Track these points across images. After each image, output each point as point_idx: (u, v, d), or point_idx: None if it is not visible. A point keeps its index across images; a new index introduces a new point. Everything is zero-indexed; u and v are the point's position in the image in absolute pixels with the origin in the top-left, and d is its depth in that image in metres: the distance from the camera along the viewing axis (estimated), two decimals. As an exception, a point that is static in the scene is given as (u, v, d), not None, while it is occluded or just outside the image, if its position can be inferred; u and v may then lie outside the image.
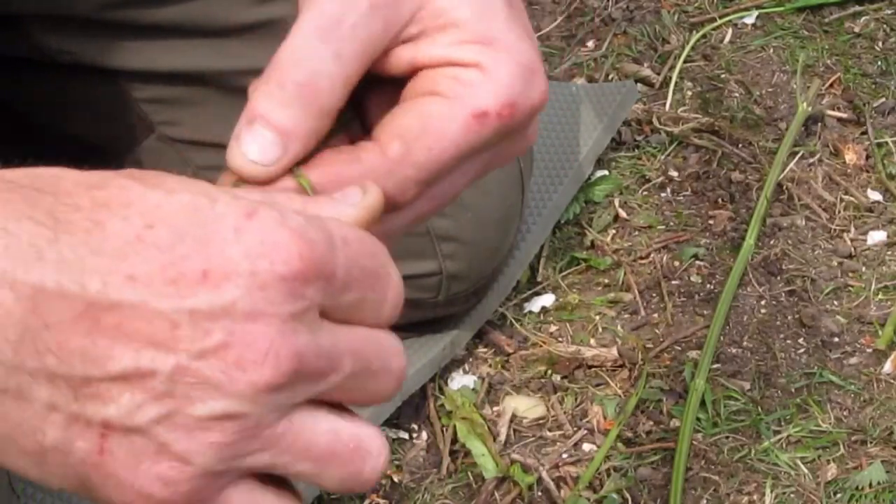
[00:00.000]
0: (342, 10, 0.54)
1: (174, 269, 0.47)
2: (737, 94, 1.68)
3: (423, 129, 0.55)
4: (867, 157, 1.59)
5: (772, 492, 1.27)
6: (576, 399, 1.36)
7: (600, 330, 1.42)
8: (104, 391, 0.47)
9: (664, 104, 1.67)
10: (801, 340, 1.40)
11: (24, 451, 0.48)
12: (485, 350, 1.40)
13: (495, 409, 1.35)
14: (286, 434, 0.49)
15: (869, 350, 1.39)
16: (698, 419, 1.31)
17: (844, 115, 1.64)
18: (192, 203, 0.48)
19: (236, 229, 0.47)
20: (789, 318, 1.42)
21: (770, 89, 1.69)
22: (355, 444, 0.51)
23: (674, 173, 1.59)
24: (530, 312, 1.44)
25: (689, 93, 1.69)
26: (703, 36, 1.76)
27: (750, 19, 1.78)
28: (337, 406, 0.51)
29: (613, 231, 1.52)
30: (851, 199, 1.54)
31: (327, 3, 0.54)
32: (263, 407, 0.48)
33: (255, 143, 0.54)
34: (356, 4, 0.54)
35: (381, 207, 0.54)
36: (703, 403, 1.32)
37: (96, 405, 0.47)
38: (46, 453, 0.48)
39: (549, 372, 1.38)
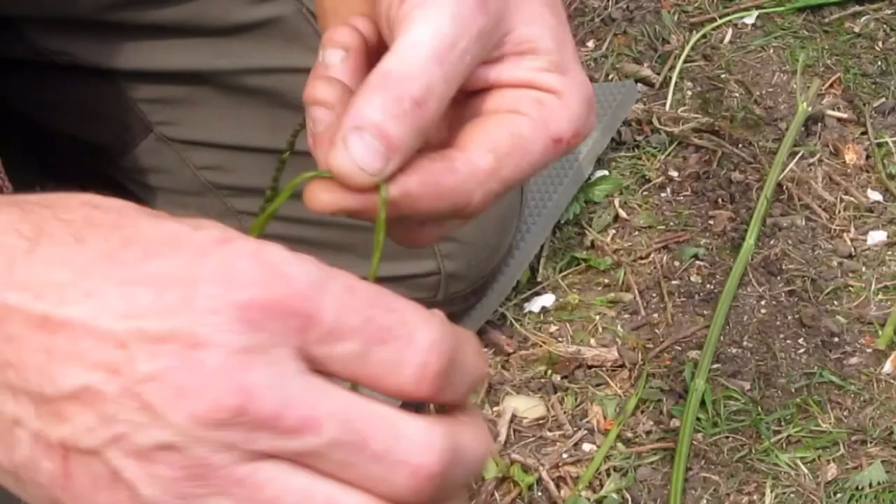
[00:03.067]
0: (457, 34, 0.54)
1: (132, 288, 0.46)
2: (737, 94, 1.68)
3: (514, 146, 0.57)
4: (867, 157, 1.59)
5: (772, 492, 1.27)
6: (576, 399, 1.36)
7: (600, 330, 1.42)
8: (62, 409, 0.46)
9: (664, 104, 1.67)
10: (801, 340, 1.40)
11: (2, 466, 0.48)
12: (485, 350, 1.40)
13: (495, 409, 1.35)
14: (246, 482, 0.46)
15: (869, 350, 1.39)
16: (698, 419, 1.31)
17: (844, 115, 1.64)
18: (174, 230, 0.47)
19: (203, 254, 0.46)
20: (789, 318, 1.42)
21: (770, 89, 1.69)
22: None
23: (674, 173, 1.59)
24: (530, 312, 1.44)
25: (689, 93, 1.69)
26: (703, 36, 1.76)
27: (750, 19, 1.78)
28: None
29: (613, 231, 1.52)
30: (851, 199, 1.54)
31: (443, 23, 0.54)
32: (207, 444, 0.45)
33: (364, 150, 0.53)
34: (468, 28, 0.55)
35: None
36: (703, 403, 1.32)
37: (55, 424, 0.47)
38: (18, 470, 0.48)
39: (549, 372, 1.38)
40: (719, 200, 1.56)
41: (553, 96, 0.58)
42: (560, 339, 1.41)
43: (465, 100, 0.58)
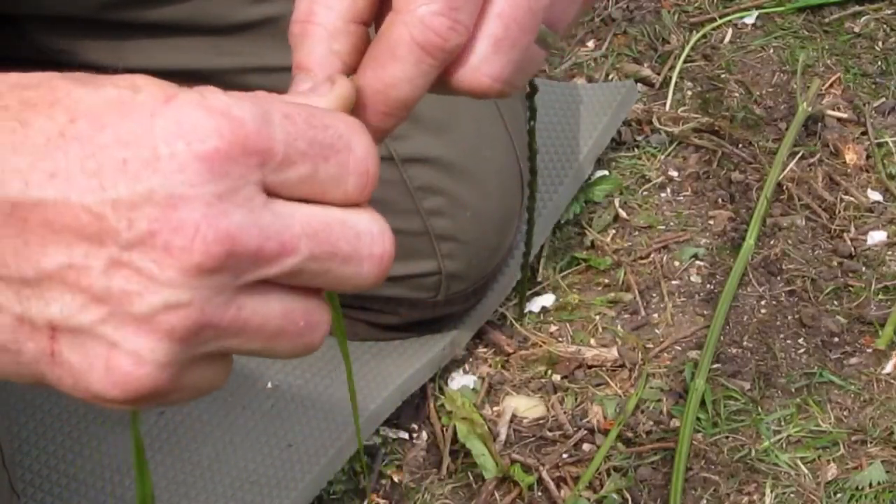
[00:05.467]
0: None
1: (94, 160, 0.47)
2: (737, 94, 1.68)
3: None
4: (867, 157, 1.59)
5: (772, 492, 1.27)
6: (576, 399, 1.36)
7: (600, 330, 1.42)
8: (45, 291, 0.47)
9: (664, 104, 1.67)
10: (801, 340, 1.40)
11: None
12: (485, 350, 1.40)
13: (495, 409, 1.35)
14: (237, 320, 0.49)
15: (869, 350, 1.39)
16: (698, 419, 1.31)
17: (844, 115, 1.64)
18: (116, 96, 0.48)
19: (153, 114, 0.47)
20: (789, 318, 1.42)
21: (770, 89, 1.69)
22: (306, 320, 0.51)
23: (674, 173, 1.59)
24: (530, 312, 1.44)
25: (689, 93, 1.69)
26: (703, 36, 1.76)
27: (750, 19, 1.78)
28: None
29: (613, 231, 1.52)
30: (851, 199, 1.54)
31: None
32: (203, 292, 0.48)
33: (299, 88, 0.56)
34: None
35: (352, 97, 0.55)
36: (703, 403, 1.32)
37: (39, 305, 0.48)
38: (1, 354, 0.49)
39: (549, 372, 1.38)
40: (719, 200, 1.56)
41: None
42: (560, 339, 1.41)
43: None
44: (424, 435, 1.33)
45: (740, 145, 1.61)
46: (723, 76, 1.71)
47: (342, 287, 0.51)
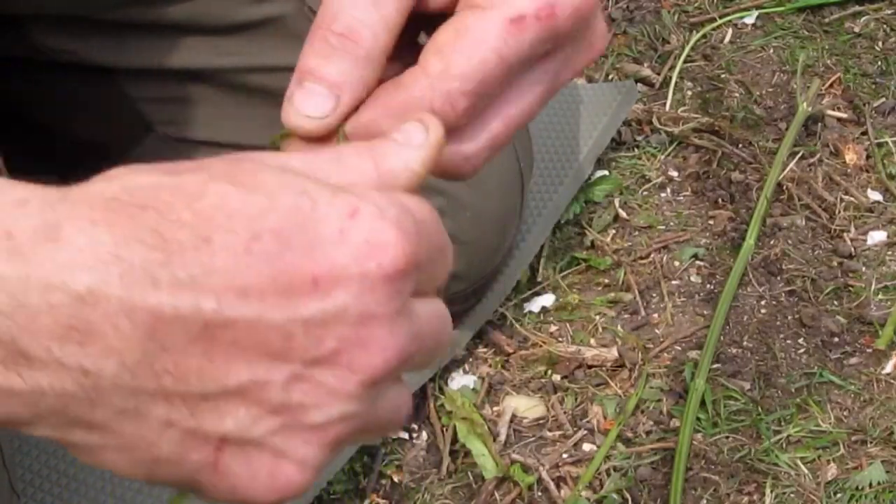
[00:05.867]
0: None
1: (285, 279, 0.47)
2: (737, 94, 1.68)
3: (460, 39, 0.55)
4: (867, 157, 1.59)
5: (772, 492, 1.27)
6: (576, 399, 1.36)
7: (600, 330, 1.42)
8: (221, 406, 0.48)
9: (664, 104, 1.67)
10: (801, 340, 1.40)
11: (137, 460, 0.49)
12: (485, 350, 1.40)
13: (495, 409, 1.35)
14: (376, 411, 0.51)
15: (869, 350, 1.39)
16: (698, 419, 1.31)
17: (844, 115, 1.64)
18: (294, 206, 0.48)
19: (341, 231, 0.48)
20: (789, 318, 1.42)
21: (770, 89, 1.69)
22: (404, 402, 0.53)
23: (674, 173, 1.59)
24: (530, 312, 1.44)
25: (689, 93, 1.69)
26: (703, 36, 1.76)
27: (750, 19, 1.78)
28: None
29: (613, 231, 1.52)
30: (851, 199, 1.54)
31: None
32: (370, 400, 0.49)
33: (308, 100, 0.55)
34: None
35: (444, 141, 0.54)
36: (703, 403, 1.32)
37: (213, 420, 0.48)
38: (159, 463, 0.49)
39: (549, 372, 1.38)
40: (719, 200, 1.56)
41: None
42: (560, 339, 1.41)
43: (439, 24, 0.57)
44: (424, 435, 1.33)
45: (740, 145, 1.61)
46: (723, 76, 1.71)
47: (422, 367, 0.54)
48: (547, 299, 1.45)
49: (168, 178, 0.48)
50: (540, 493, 1.28)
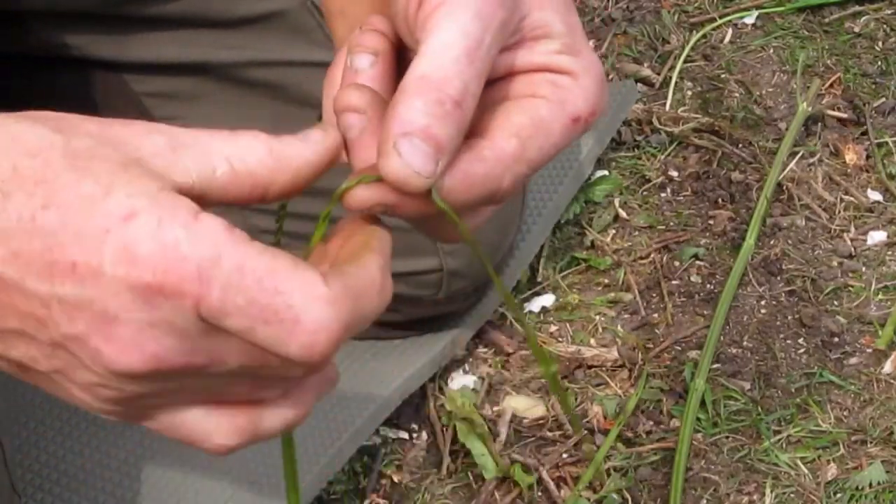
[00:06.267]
0: (482, 30, 0.56)
1: (51, 254, 0.51)
2: (737, 94, 1.68)
3: (536, 128, 0.58)
4: (867, 157, 1.59)
5: (772, 492, 1.27)
6: (576, 399, 1.36)
7: (600, 330, 1.42)
8: (7, 339, 0.54)
9: (664, 104, 1.67)
10: (801, 340, 1.40)
11: None
12: (485, 350, 1.40)
13: (495, 409, 1.35)
14: (182, 392, 0.54)
15: (869, 350, 1.39)
16: (698, 419, 1.31)
17: (844, 115, 1.64)
18: (90, 193, 0.51)
19: (109, 230, 0.50)
20: (789, 318, 1.42)
21: (770, 89, 1.69)
22: (203, 431, 0.56)
23: (674, 173, 1.59)
24: (530, 312, 1.44)
25: (689, 93, 1.69)
26: (703, 36, 1.76)
27: (750, 19, 1.78)
28: None
29: (613, 231, 1.52)
30: (851, 199, 1.54)
31: (468, 21, 0.56)
32: (135, 387, 0.53)
33: (415, 154, 0.55)
34: (491, 23, 0.57)
35: (339, 151, 0.57)
36: (703, 403, 1.32)
37: (4, 347, 0.54)
38: None
39: (549, 372, 1.37)
40: (719, 200, 1.56)
41: (568, 77, 0.59)
42: (560, 339, 1.41)
43: (486, 88, 0.59)
44: (424, 435, 1.33)
45: (740, 145, 1.61)
46: (723, 76, 1.71)
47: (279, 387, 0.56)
48: (547, 299, 1.45)
49: (38, 128, 0.53)
50: (540, 493, 1.28)
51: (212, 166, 0.54)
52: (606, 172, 1.58)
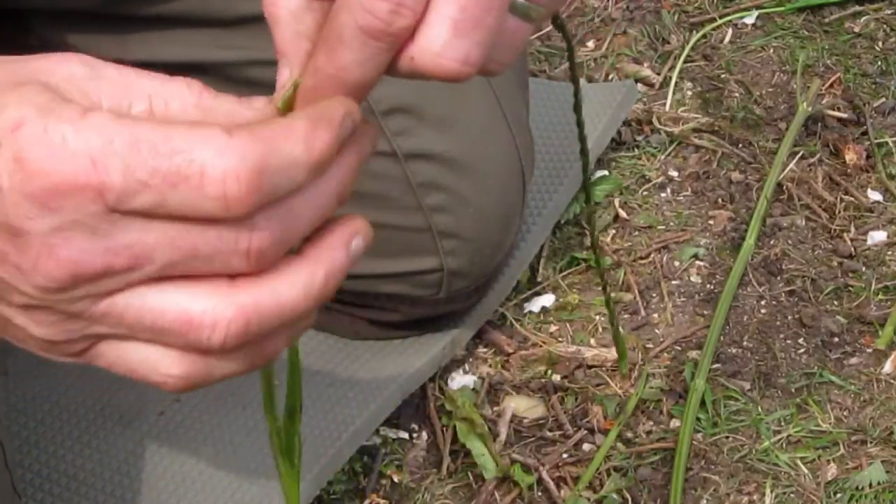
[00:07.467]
0: None
1: None
2: (737, 94, 1.68)
3: None
4: (867, 157, 1.59)
5: (772, 492, 1.26)
6: (576, 399, 1.36)
7: (600, 330, 1.42)
8: None
9: (664, 104, 1.67)
10: (801, 340, 1.40)
11: None
12: (485, 350, 1.40)
13: (495, 409, 1.35)
14: (110, 313, 0.52)
15: (869, 350, 1.39)
16: (698, 419, 1.31)
17: (844, 115, 1.64)
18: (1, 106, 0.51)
19: (0, 144, 0.50)
20: (789, 318, 1.42)
21: (770, 89, 1.69)
22: (184, 318, 0.52)
23: (674, 173, 1.59)
24: (530, 312, 1.44)
25: (689, 93, 1.69)
26: (703, 36, 1.76)
27: (750, 19, 1.78)
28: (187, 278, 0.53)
29: (613, 231, 1.52)
30: (851, 199, 1.54)
31: None
32: (63, 298, 0.52)
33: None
34: None
35: (298, 79, 0.56)
36: (703, 403, 1.32)
37: None
38: None
39: (549, 372, 1.38)
40: (719, 200, 1.56)
41: None
42: (560, 339, 1.41)
43: None
44: (424, 435, 1.33)
45: (740, 145, 1.61)
46: (723, 76, 1.71)
47: (212, 276, 0.53)
48: (547, 299, 1.45)
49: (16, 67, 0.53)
50: (540, 493, 1.28)
51: (128, 101, 0.54)
52: (606, 172, 1.58)
